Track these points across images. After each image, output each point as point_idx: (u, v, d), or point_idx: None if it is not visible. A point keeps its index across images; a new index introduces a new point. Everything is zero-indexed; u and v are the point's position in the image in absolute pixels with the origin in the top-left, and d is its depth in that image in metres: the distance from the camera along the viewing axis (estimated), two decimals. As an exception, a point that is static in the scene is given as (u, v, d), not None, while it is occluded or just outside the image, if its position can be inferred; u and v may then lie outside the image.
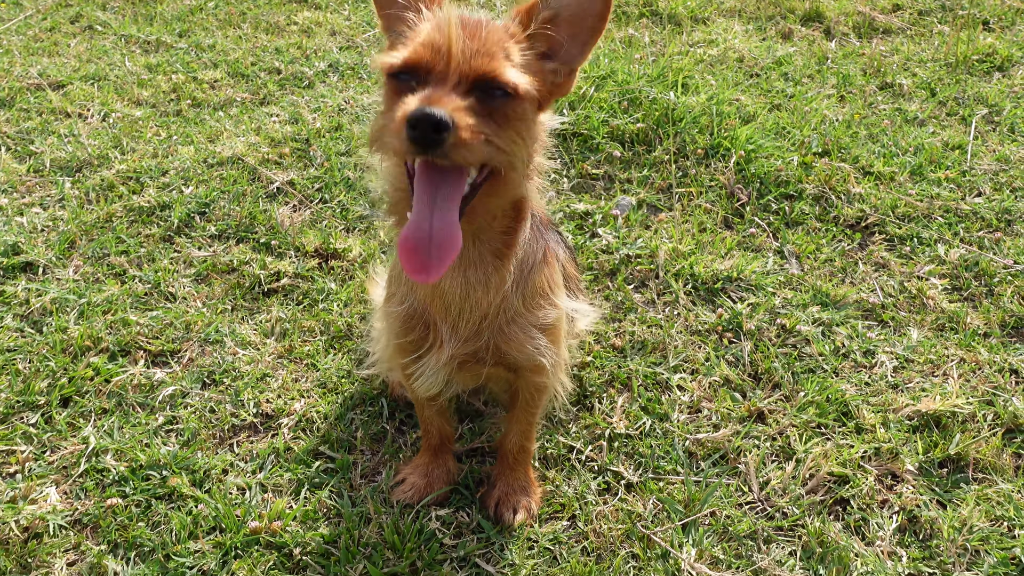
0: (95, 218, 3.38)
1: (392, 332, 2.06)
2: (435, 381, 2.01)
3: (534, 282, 1.95)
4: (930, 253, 3.33)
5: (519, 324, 1.95)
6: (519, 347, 1.96)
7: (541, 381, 2.09)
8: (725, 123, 3.94)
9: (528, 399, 2.17)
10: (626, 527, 2.26)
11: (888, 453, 2.49)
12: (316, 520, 2.25)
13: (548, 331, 1.99)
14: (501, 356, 1.98)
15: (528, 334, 1.95)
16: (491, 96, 1.58)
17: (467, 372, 2.04)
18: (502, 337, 1.96)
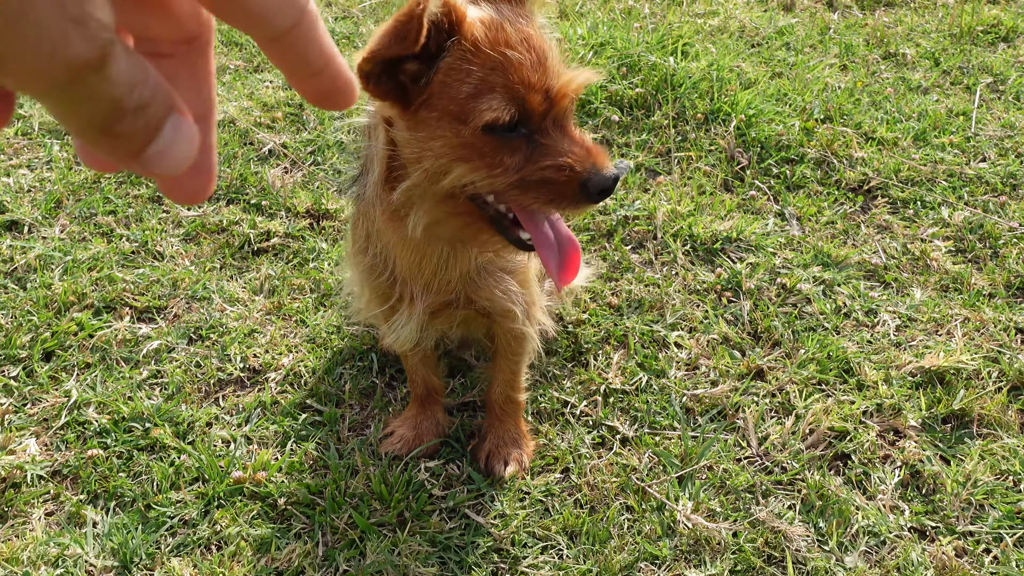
0: (82, 179, 3.32)
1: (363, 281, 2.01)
2: (409, 335, 1.95)
3: None
4: (934, 216, 3.27)
5: (489, 271, 1.90)
6: (489, 294, 1.91)
7: (516, 328, 2.02)
8: (725, 88, 3.87)
9: (507, 346, 2.11)
10: (621, 480, 2.20)
11: (890, 409, 2.43)
12: (302, 471, 2.19)
13: (517, 270, 1.94)
14: (472, 304, 1.93)
15: (497, 279, 1.90)
16: None
17: (440, 319, 1.99)
18: (472, 287, 1.91)
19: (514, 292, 1.93)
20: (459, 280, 1.87)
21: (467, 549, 2.02)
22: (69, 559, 1.96)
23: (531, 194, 1.51)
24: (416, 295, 1.88)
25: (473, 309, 1.95)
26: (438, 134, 1.51)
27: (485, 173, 1.51)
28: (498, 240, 1.65)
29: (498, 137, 1.48)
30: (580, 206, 1.51)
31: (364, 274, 1.96)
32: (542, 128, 1.49)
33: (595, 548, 2.03)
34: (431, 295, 1.87)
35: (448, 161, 1.52)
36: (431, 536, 2.03)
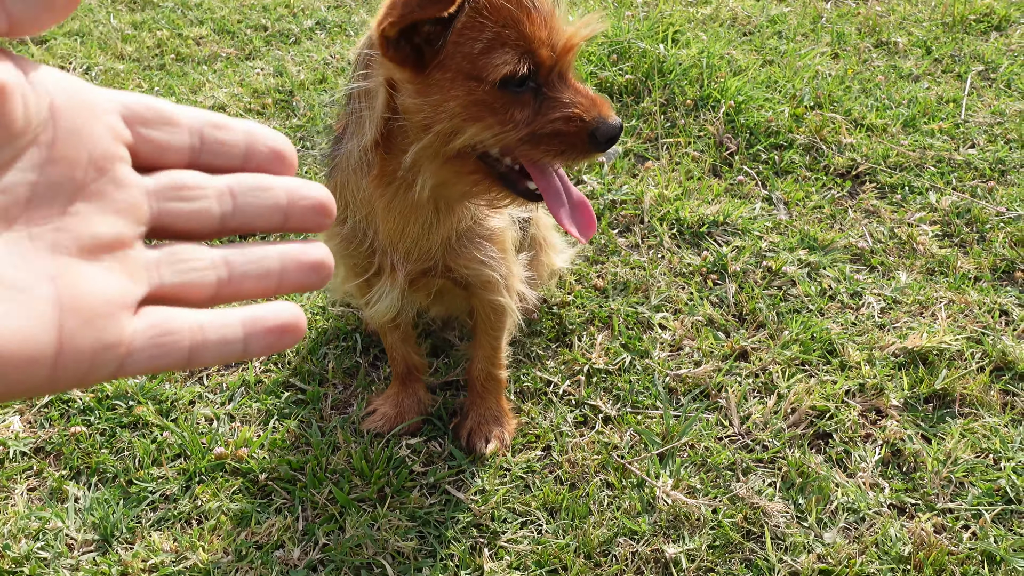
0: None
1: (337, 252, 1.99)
2: (391, 304, 1.96)
3: None
4: (921, 201, 3.27)
5: (469, 238, 1.90)
6: (466, 262, 1.91)
7: (494, 299, 2.02)
8: (715, 75, 3.87)
9: (486, 319, 2.11)
10: (602, 457, 2.20)
11: (872, 389, 2.43)
12: (283, 448, 2.19)
13: (495, 236, 1.94)
14: (450, 271, 1.93)
15: (475, 247, 1.91)
16: None
17: (419, 289, 1.99)
18: (451, 254, 1.91)
19: (494, 259, 1.93)
20: (439, 247, 1.87)
21: (447, 524, 2.03)
22: (50, 532, 1.97)
23: (542, 147, 1.55)
24: (396, 263, 1.88)
25: (450, 278, 1.95)
26: (451, 95, 1.53)
27: (498, 129, 1.55)
28: (507, 194, 1.68)
29: (509, 92, 1.52)
30: (589, 155, 1.56)
31: (341, 246, 1.95)
32: (548, 81, 1.54)
33: (574, 523, 2.04)
34: (410, 263, 1.88)
35: (461, 121, 1.55)
36: (411, 511, 2.04)
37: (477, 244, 1.90)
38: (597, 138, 1.52)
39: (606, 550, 1.99)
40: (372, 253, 1.90)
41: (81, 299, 0.51)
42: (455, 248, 1.89)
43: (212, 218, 0.60)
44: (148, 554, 1.93)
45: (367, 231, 1.87)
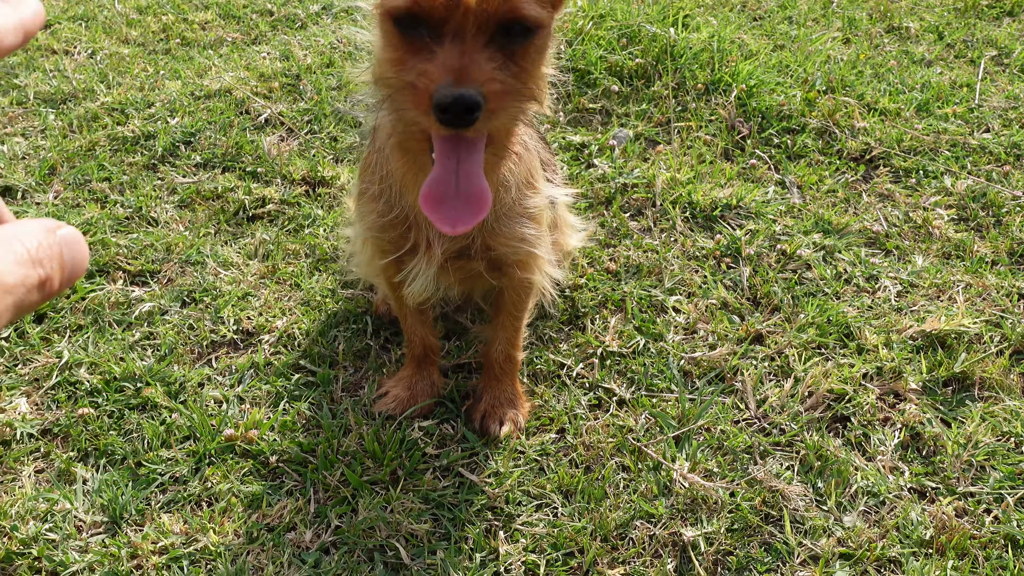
0: (77, 146, 3.29)
1: (373, 231, 1.96)
2: (426, 283, 1.92)
3: (519, 174, 1.86)
4: (936, 185, 3.23)
5: (508, 215, 1.86)
6: (507, 240, 1.87)
7: (527, 277, 1.99)
8: (726, 59, 3.83)
9: (514, 299, 2.08)
10: (617, 440, 2.17)
11: (891, 372, 2.40)
12: (294, 430, 2.16)
13: (535, 217, 1.90)
14: (489, 251, 1.89)
15: (516, 223, 1.86)
16: (512, 36, 1.43)
17: (454, 271, 1.95)
18: (490, 232, 1.87)
19: (533, 237, 1.89)
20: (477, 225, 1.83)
21: (460, 507, 1.99)
22: (58, 514, 1.94)
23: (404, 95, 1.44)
24: (432, 239, 1.84)
25: (488, 258, 1.91)
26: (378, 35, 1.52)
27: (389, 67, 1.48)
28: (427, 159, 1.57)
29: (403, 34, 1.44)
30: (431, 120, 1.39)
31: (375, 220, 1.91)
32: (441, 35, 1.40)
33: (590, 507, 2.00)
34: (447, 239, 1.84)
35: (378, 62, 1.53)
36: (424, 494, 2.01)
37: (518, 221, 1.86)
38: (433, 100, 1.34)
39: (623, 533, 1.96)
40: (408, 228, 1.86)
41: None
42: (494, 227, 1.84)
43: None
44: (158, 536, 1.90)
45: (403, 204, 1.83)
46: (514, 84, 1.43)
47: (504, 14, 1.40)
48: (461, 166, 1.48)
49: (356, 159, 3.30)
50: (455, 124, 1.35)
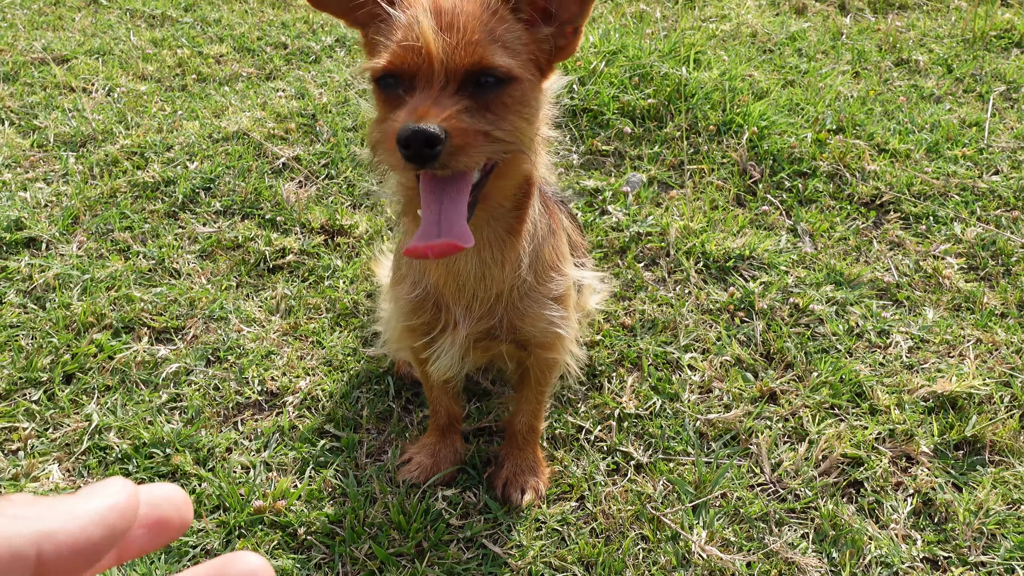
0: (99, 193, 3.35)
1: (402, 314, 2.00)
2: (451, 363, 1.97)
3: (543, 255, 1.90)
4: (946, 232, 3.27)
5: (532, 298, 1.90)
6: (533, 321, 1.92)
7: (552, 357, 2.04)
8: (738, 99, 3.87)
9: (539, 376, 2.13)
10: (635, 508, 2.22)
11: (903, 435, 2.45)
12: (321, 499, 2.21)
13: (561, 300, 1.95)
14: (515, 332, 1.93)
15: (541, 306, 1.91)
16: (484, 87, 1.50)
17: (480, 351, 2.00)
18: (516, 313, 1.91)
19: (558, 318, 1.94)
20: (502, 302, 1.87)
21: (485, 580, 2.05)
22: (94, 590, 1.99)
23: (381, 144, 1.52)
24: (459, 319, 1.90)
25: (515, 341, 1.96)
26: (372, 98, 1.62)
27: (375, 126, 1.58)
28: None
29: (387, 93, 1.54)
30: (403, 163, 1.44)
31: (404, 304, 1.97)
32: (414, 89, 1.49)
33: (611, 579, 2.06)
34: (474, 319, 1.89)
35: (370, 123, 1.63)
36: (449, 567, 2.06)
37: (543, 303, 1.91)
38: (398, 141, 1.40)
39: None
40: (436, 308, 1.91)
41: None
42: (519, 307, 1.89)
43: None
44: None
45: (427, 283, 1.89)
46: (485, 127, 1.48)
47: (471, 64, 1.46)
48: (444, 211, 1.51)
49: (372, 205, 3.35)
50: (418, 159, 1.41)
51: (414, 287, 1.93)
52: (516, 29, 1.56)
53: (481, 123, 1.47)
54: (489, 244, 1.76)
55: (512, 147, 1.55)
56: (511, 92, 1.53)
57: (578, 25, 1.63)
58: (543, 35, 1.61)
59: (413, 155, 1.40)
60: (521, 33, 1.57)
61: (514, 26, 1.56)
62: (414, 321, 1.95)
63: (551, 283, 1.93)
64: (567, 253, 2.03)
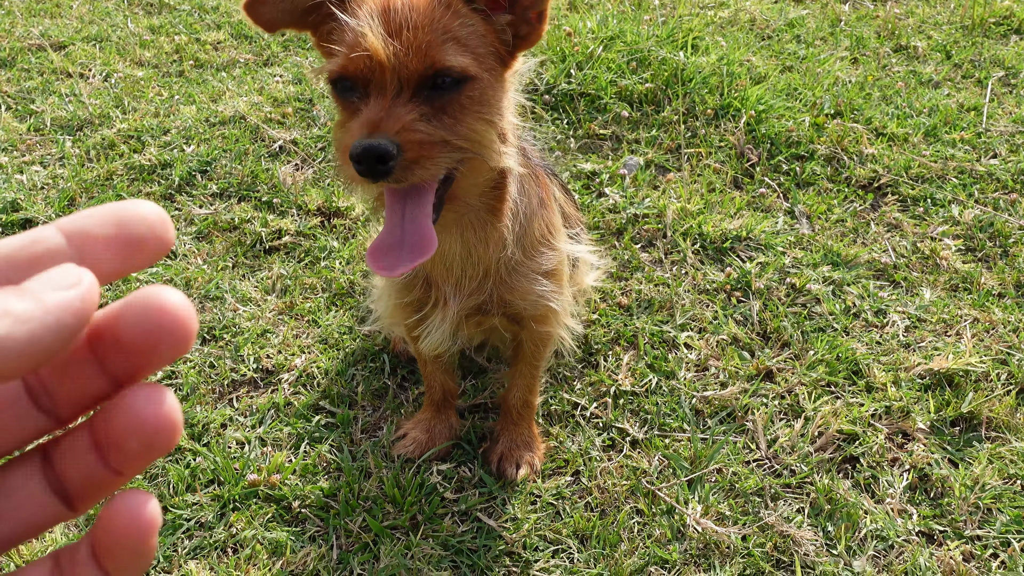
0: (95, 176, 3.34)
1: (393, 292, 2.01)
2: (442, 339, 1.96)
3: (533, 229, 1.89)
4: (944, 214, 3.27)
5: (521, 272, 1.89)
6: (523, 295, 1.91)
7: (546, 331, 2.03)
8: (735, 83, 3.87)
9: (532, 351, 2.12)
10: (631, 483, 2.22)
11: (899, 411, 2.44)
12: (315, 474, 2.21)
13: (552, 274, 1.94)
14: (506, 306, 1.93)
15: (531, 281, 1.90)
16: (440, 89, 1.46)
17: (472, 325, 2.00)
18: (505, 287, 1.90)
19: (550, 292, 1.93)
20: (490, 278, 1.86)
21: (479, 553, 2.04)
22: (88, 562, 1.99)
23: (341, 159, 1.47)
24: (449, 296, 1.89)
25: (506, 314, 1.95)
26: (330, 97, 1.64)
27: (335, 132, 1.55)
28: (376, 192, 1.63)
29: (343, 98, 1.51)
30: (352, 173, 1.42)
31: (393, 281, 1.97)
32: (368, 95, 1.46)
33: (605, 552, 2.05)
34: (463, 295, 1.88)
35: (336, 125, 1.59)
36: (444, 540, 2.06)
37: (532, 278, 1.90)
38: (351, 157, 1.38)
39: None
40: (428, 287, 1.91)
41: None
42: (508, 282, 1.88)
43: None
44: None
45: None
46: (443, 135, 1.45)
47: (424, 68, 1.43)
48: (407, 216, 1.50)
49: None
50: (370, 175, 1.39)
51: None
52: (472, 22, 1.51)
53: (439, 129, 1.44)
54: (472, 225, 1.76)
55: (470, 153, 1.52)
56: (468, 93, 1.49)
57: (541, 10, 1.56)
58: (502, 24, 1.55)
59: (366, 171, 1.38)
60: (478, 25, 1.51)
61: (470, 19, 1.50)
62: (405, 299, 1.95)
63: (541, 257, 1.92)
64: (559, 225, 2.02)
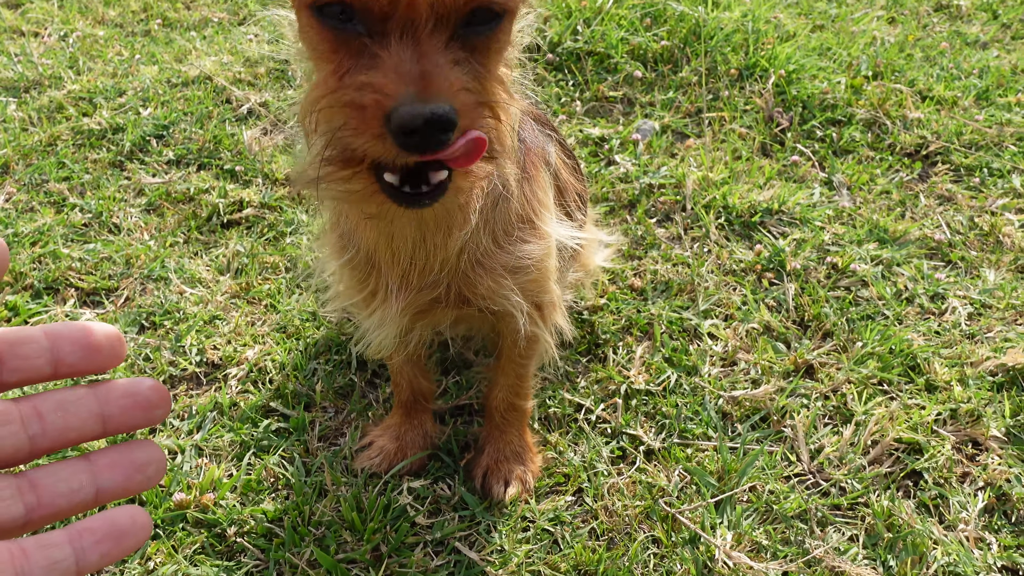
0: (36, 141, 2.94)
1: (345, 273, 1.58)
2: (385, 340, 1.55)
3: (509, 209, 1.47)
4: (1003, 185, 2.84)
5: (486, 266, 1.46)
6: (486, 294, 1.49)
7: (524, 329, 1.60)
8: (762, 41, 3.44)
9: (514, 347, 1.69)
10: (645, 504, 1.81)
11: (967, 415, 2.03)
12: (260, 492, 1.81)
13: (529, 269, 1.51)
14: (465, 303, 1.51)
15: (495, 278, 1.47)
16: (473, 28, 1.06)
17: (428, 319, 1.58)
18: (465, 282, 1.48)
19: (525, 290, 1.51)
20: (445, 271, 1.45)
21: (456, 593, 1.64)
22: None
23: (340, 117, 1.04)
24: (392, 289, 1.47)
25: (468, 309, 1.54)
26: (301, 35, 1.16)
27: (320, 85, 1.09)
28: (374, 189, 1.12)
29: (333, 31, 1.05)
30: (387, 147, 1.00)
31: (336, 254, 1.56)
32: (384, 33, 1.02)
33: (614, 592, 1.65)
34: (411, 290, 1.46)
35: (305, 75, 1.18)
36: (412, 577, 1.65)
37: (500, 276, 1.47)
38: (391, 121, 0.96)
39: (654, 628, 1.61)
40: (370, 269, 1.49)
41: None
42: (468, 275, 1.46)
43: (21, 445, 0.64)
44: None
45: (357, 241, 1.47)
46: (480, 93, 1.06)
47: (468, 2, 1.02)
48: None
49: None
50: (423, 148, 0.98)
51: (344, 244, 1.51)
52: None
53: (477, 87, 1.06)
54: None
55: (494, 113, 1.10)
56: (501, 33, 1.12)
57: None
58: None
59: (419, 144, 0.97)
60: None
61: None
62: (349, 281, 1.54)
63: (518, 247, 1.48)
64: (547, 201, 1.58)
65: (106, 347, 0.69)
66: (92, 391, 0.68)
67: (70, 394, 0.67)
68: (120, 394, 0.69)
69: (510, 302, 1.49)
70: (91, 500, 0.66)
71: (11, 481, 0.63)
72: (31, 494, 0.63)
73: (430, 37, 1.01)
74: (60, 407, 0.66)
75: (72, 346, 0.67)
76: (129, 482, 0.68)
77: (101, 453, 0.68)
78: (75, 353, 0.67)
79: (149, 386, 0.70)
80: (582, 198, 1.93)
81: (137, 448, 0.69)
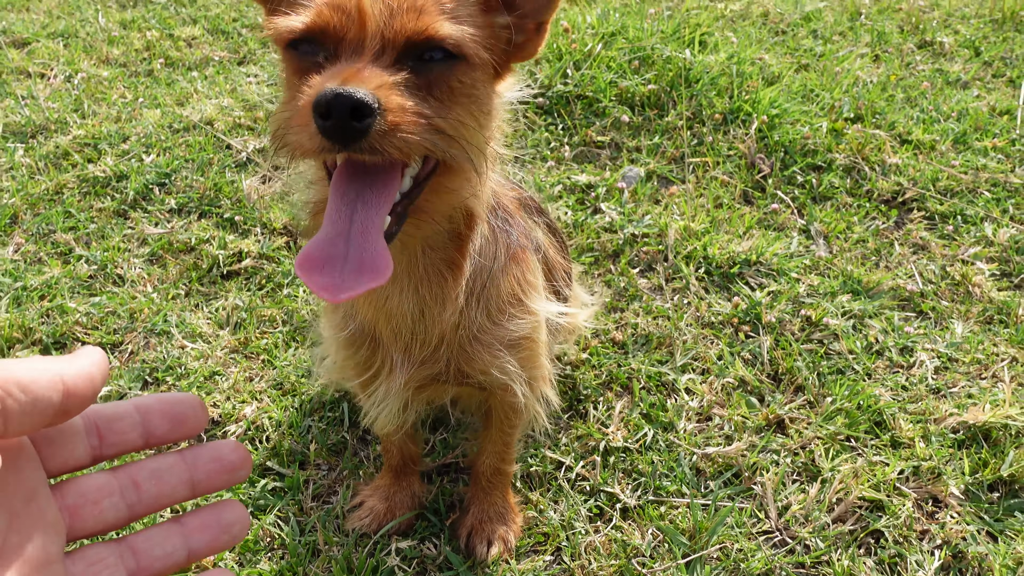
0: (43, 190, 3.05)
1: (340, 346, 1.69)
2: (389, 414, 1.65)
3: (499, 289, 1.58)
4: (976, 233, 2.95)
5: (483, 341, 1.57)
6: (484, 367, 1.60)
7: (517, 401, 1.72)
8: (746, 84, 3.54)
9: (502, 419, 1.82)
10: (620, 563, 1.92)
11: (929, 473, 2.13)
12: (257, 552, 1.92)
13: (521, 345, 1.63)
14: (465, 377, 1.62)
15: (493, 352, 1.58)
16: (427, 64, 1.17)
17: (427, 394, 1.69)
18: (464, 357, 1.58)
19: (513, 368, 1.62)
20: (444, 345, 1.56)
21: (440, 653, 1.75)
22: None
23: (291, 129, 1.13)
24: (396, 363, 1.58)
25: (467, 384, 1.65)
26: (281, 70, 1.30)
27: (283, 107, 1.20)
28: None
29: (302, 62, 1.18)
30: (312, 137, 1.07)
31: (335, 333, 1.67)
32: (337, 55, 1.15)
33: (588, 651, 1.76)
34: (414, 364, 1.57)
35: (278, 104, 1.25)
36: (399, 637, 1.77)
37: (496, 351, 1.58)
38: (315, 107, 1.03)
39: None
40: (374, 349, 1.60)
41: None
42: (468, 351, 1.57)
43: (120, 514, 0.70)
44: None
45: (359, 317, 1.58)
46: (430, 115, 1.15)
47: (415, 32, 1.14)
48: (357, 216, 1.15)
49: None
50: (340, 134, 1.05)
51: (347, 319, 1.62)
52: (470, 6, 1.24)
53: (423, 106, 1.14)
54: (427, 277, 1.44)
55: (457, 146, 1.19)
56: (460, 76, 1.21)
57: (543, 20, 1.33)
58: (501, 24, 1.29)
59: (334, 128, 1.04)
60: (476, 14, 1.24)
61: (468, 2, 1.24)
62: (350, 357, 1.64)
63: (510, 322, 1.59)
64: (535, 283, 1.69)
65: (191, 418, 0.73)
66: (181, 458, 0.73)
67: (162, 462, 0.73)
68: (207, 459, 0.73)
69: (508, 375, 1.59)
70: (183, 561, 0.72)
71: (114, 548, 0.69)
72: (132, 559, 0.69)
73: (377, 58, 1.13)
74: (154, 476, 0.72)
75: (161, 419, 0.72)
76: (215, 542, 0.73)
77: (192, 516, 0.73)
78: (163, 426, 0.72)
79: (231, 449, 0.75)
80: (568, 275, 2.04)
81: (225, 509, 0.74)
